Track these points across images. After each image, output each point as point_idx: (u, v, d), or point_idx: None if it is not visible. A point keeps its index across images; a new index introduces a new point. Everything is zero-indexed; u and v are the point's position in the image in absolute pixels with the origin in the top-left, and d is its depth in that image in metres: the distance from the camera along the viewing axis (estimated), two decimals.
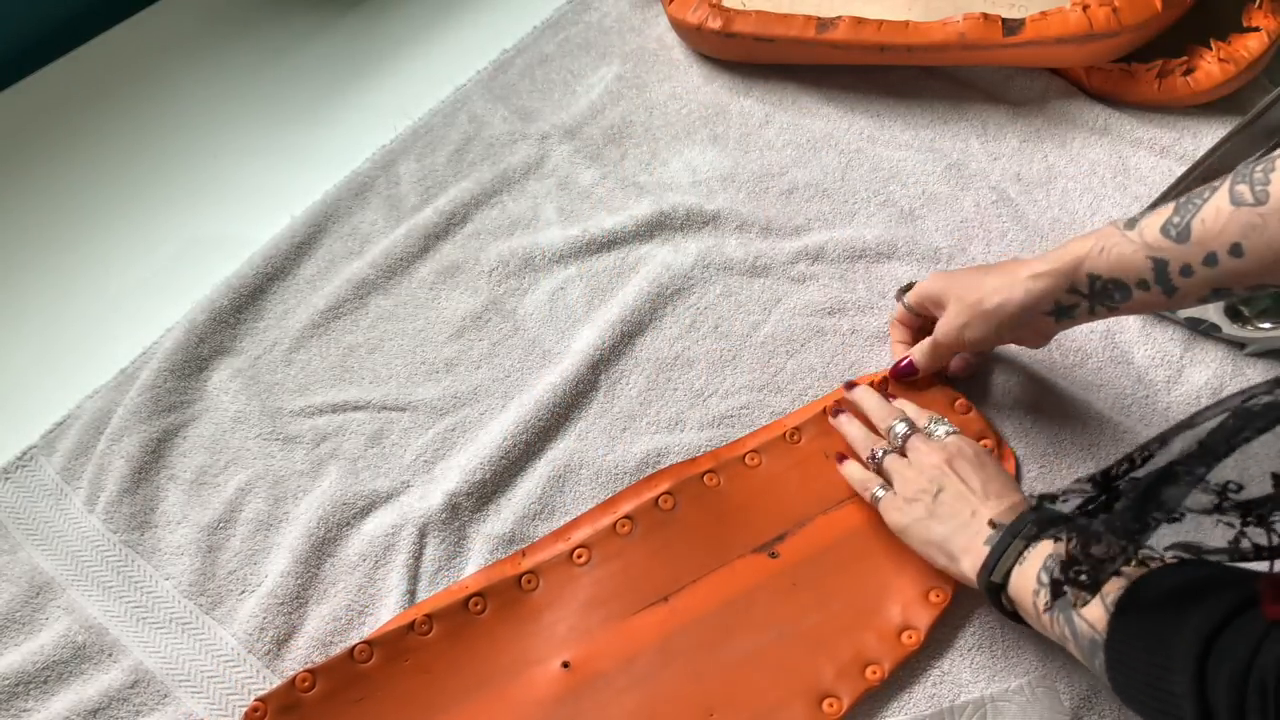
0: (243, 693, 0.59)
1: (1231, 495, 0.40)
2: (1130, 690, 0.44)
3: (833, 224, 0.77)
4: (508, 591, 0.61)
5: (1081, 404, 0.67)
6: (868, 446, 0.62)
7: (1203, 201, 0.48)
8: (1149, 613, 0.44)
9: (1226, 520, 0.41)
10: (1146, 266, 0.51)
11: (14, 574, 0.63)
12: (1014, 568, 0.51)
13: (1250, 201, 0.46)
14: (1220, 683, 0.38)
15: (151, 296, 0.75)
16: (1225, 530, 0.41)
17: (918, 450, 0.59)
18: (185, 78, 0.90)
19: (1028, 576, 0.50)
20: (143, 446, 0.67)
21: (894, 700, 0.58)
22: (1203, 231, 0.48)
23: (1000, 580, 0.52)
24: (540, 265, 0.75)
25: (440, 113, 0.84)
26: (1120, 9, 0.75)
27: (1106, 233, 0.53)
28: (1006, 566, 0.51)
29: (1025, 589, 0.50)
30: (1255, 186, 0.46)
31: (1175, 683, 0.40)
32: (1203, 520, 0.41)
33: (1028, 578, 0.50)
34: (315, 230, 0.77)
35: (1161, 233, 0.50)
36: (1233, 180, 0.47)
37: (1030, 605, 0.50)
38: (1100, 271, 0.53)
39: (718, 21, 0.82)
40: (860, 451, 0.63)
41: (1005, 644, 0.59)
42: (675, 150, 0.82)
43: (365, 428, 0.68)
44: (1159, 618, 0.43)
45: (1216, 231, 0.47)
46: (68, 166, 0.84)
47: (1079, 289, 0.54)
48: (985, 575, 0.52)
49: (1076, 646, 0.47)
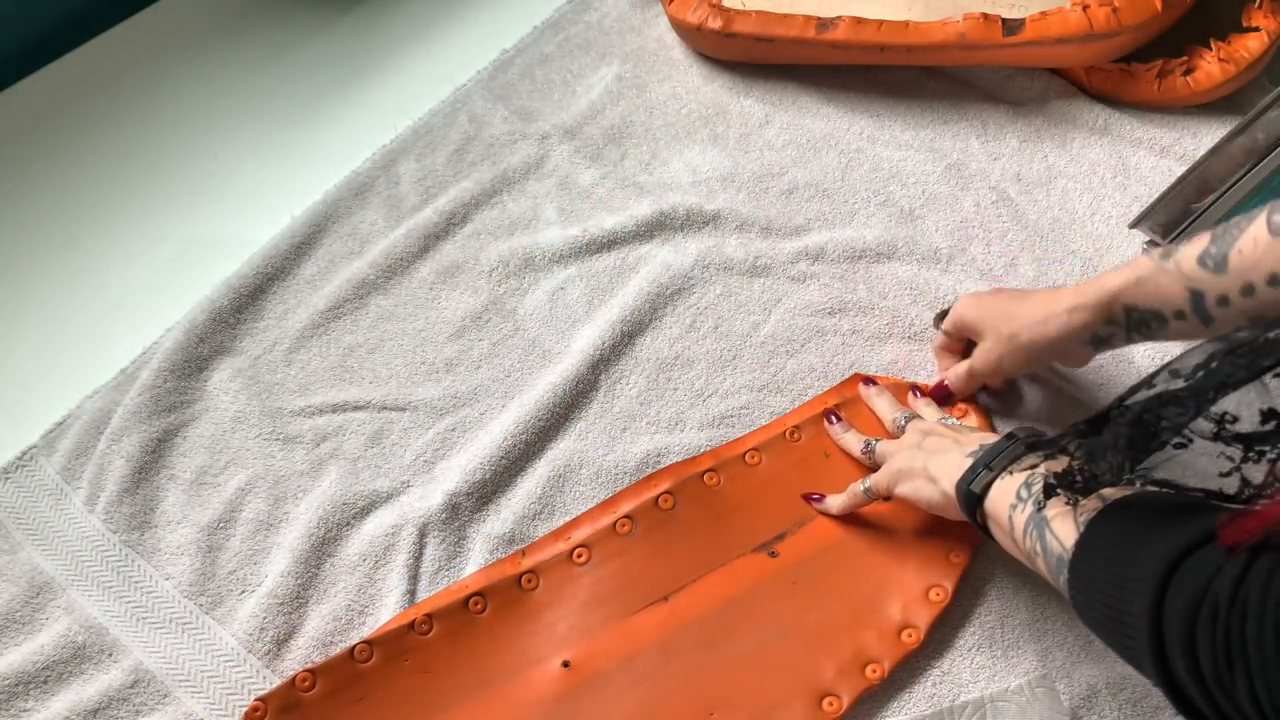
0: (243, 693, 0.59)
1: (1229, 426, 0.41)
2: (1090, 609, 0.44)
3: (833, 224, 0.77)
4: (508, 591, 0.61)
5: (1082, 403, 0.67)
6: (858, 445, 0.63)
7: (1240, 232, 0.48)
8: (1117, 535, 0.44)
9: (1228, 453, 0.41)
10: (1184, 298, 0.51)
11: (14, 574, 0.63)
12: (995, 481, 0.52)
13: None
14: (1176, 607, 0.38)
15: (151, 296, 0.75)
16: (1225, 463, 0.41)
17: (914, 423, 0.61)
18: (185, 78, 0.90)
19: (1008, 490, 0.51)
20: (143, 446, 0.67)
21: (894, 700, 0.58)
22: (1240, 262, 0.48)
23: (979, 490, 0.52)
24: (540, 265, 0.75)
25: (440, 113, 0.84)
26: (1120, 9, 0.75)
27: (1141, 264, 0.53)
28: (988, 479, 0.52)
29: (1003, 501, 0.51)
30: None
31: (1133, 605, 0.40)
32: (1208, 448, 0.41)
33: (1008, 491, 0.51)
34: (315, 230, 0.77)
35: (1199, 264, 0.50)
36: (1270, 210, 0.47)
37: (1005, 519, 0.50)
38: (1137, 303, 0.53)
39: (718, 21, 0.82)
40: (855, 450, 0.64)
41: (1005, 644, 0.59)
42: (675, 150, 0.82)
43: (365, 428, 0.68)
44: (1125, 541, 0.43)
45: (1254, 262, 0.47)
46: (68, 166, 0.84)
47: (1115, 320, 0.55)
48: (964, 484, 0.52)
49: (1044, 562, 0.48)
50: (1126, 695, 0.57)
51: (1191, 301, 0.50)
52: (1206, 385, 0.41)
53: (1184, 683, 0.38)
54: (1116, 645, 0.43)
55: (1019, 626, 0.59)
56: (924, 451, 0.57)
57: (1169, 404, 0.42)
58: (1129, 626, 0.41)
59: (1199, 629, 0.37)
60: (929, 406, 0.64)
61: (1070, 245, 0.75)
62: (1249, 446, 0.41)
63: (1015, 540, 0.50)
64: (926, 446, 0.57)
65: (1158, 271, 0.52)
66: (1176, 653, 0.38)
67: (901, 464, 0.58)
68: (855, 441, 0.64)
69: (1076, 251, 0.74)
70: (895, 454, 0.59)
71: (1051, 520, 0.47)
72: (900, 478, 0.58)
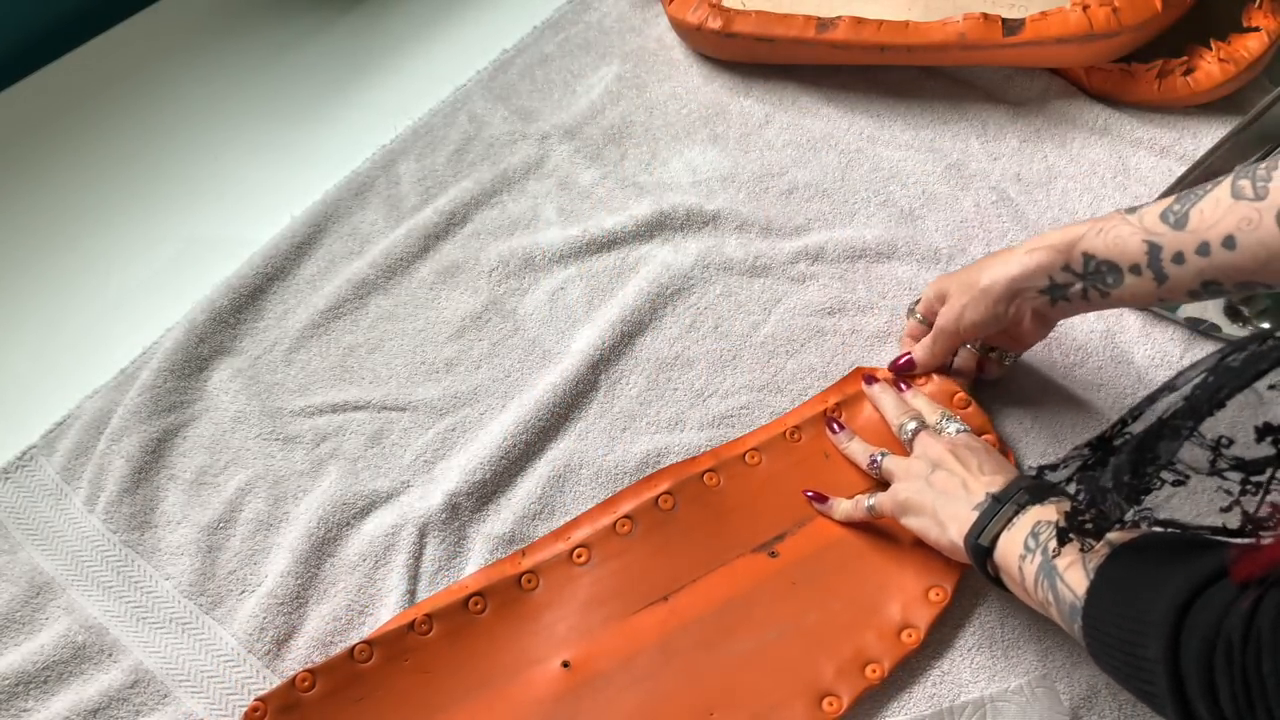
0: (243, 693, 0.59)
1: (1225, 451, 0.41)
2: (1105, 655, 0.44)
3: (833, 224, 0.77)
4: (508, 591, 0.61)
5: (1082, 403, 0.67)
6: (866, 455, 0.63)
7: (1204, 193, 0.49)
8: (1126, 580, 0.44)
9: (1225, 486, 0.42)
10: (1141, 250, 0.51)
11: (14, 574, 0.63)
12: (1002, 532, 0.52)
13: (1250, 196, 0.47)
14: (1192, 650, 0.39)
15: (151, 296, 0.75)
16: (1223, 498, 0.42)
17: (923, 442, 0.60)
18: (185, 78, 0.90)
19: (1015, 541, 0.51)
20: (143, 446, 0.67)
21: (894, 700, 0.58)
22: (1199, 220, 0.49)
23: (987, 544, 0.52)
24: (540, 265, 0.75)
25: (440, 113, 0.84)
26: (1120, 9, 0.75)
27: (1108, 216, 0.54)
28: (995, 531, 0.52)
29: (1012, 553, 0.51)
30: (1257, 183, 0.47)
31: (1149, 649, 0.41)
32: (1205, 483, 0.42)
33: (1015, 542, 0.51)
34: (315, 230, 0.77)
35: (1160, 218, 0.51)
36: (1236, 175, 0.48)
37: (1015, 570, 0.50)
38: (1095, 251, 0.53)
39: (718, 21, 0.82)
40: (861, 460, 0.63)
41: (1005, 644, 0.59)
42: (675, 150, 0.82)
43: (365, 428, 0.68)
44: (1136, 585, 0.43)
45: (1213, 222, 0.48)
46: (68, 166, 0.84)
47: (1073, 268, 0.55)
48: (973, 538, 0.52)
49: (1058, 611, 0.48)
50: (1126, 696, 0.57)
51: (1148, 254, 0.51)
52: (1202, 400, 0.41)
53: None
54: (1136, 690, 0.43)
55: (1019, 626, 0.59)
56: (933, 489, 0.56)
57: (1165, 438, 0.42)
58: (1146, 671, 0.41)
59: (1216, 670, 0.38)
60: (928, 404, 0.64)
61: None
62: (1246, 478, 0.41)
63: (1028, 591, 0.50)
64: (935, 483, 0.57)
65: (1121, 222, 0.52)
66: (1197, 696, 0.38)
67: (910, 496, 0.57)
68: (861, 453, 0.63)
69: None
70: (903, 481, 0.59)
71: (1062, 569, 0.47)
72: (907, 510, 0.57)
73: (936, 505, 0.55)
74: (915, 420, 0.62)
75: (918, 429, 0.62)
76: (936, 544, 0.56)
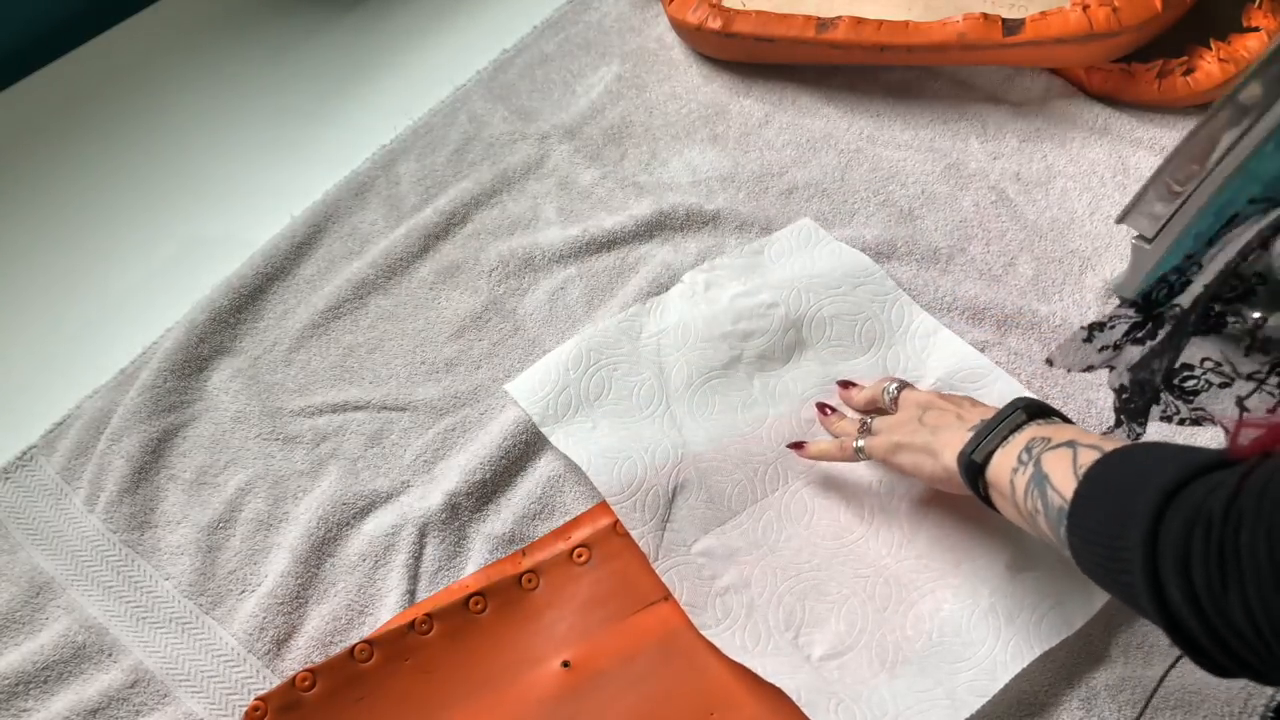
0: (243, 692, 0.59)
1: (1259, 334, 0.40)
2: (1086, 552, 0.43)
3: (832, 224, 0.77)
4: (508, 591, 0.61)
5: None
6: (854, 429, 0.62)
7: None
8: (1116, 478, 0.43)
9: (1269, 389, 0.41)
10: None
11: (14, 574, 0.63)
12: (996, 450, 0.52)
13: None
14: (1172, 531, 0.37)
15: (151, 296, 0.75)
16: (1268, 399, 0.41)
17: (908, 396, 0.60)
18: (185, 78, 0.90)
19: (1009, 456, 0.51)
20: (143, 446, 0.67)
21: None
22: None
23: (981, 460, 0.52)
24: (540, 265, 0.75)
25: (440, 113, 0.84)
26: (1120, 9, 0.75)
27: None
28: (990, 448, 0.52)
29: (1005, 467, 0.51)
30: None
31: (1130, 536, 0.39)
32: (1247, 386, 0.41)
33: (1009, 457, 0.51)
34: (315, 230, 0.77)
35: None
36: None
37: (1007, 484, 0.50)
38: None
39: (718, 21, 0.82)
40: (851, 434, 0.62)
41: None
42: (675, 150, 0.82)
43: (365, 428, 0.68)
44: (1125, 483, 0.42)
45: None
46: (68, 166, 0.84)
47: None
48: (966, 455, 0.52)
49: (1045, 520, 0.47)
50: (1126, 695, 0.57)
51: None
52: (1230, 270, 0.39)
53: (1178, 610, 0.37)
54: (1114, 585, 0.42)
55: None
56: (925, 426, 0.57)
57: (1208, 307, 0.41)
58: (1125, 560, 0.39)
59: (1193, 547, 0.36)
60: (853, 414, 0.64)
61: (1069, 245, 0.75)
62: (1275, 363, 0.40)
63: (1017, 505, 0.50)
64: (928, 420, 0.57)
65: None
66: (1171, 576, 0.37)
67: (901, 437, 0.57)
68: (850, 424, 0.63)
69: (1075, 251, 0.74)
70: (894, 426, 0.58)
71: (1051, 475, 0.47)
72: (899, 450, 0.57)
73: (930, 439, 0.56)
74: (894, 382, 0.62)
75: (900, 387, 0.61)
76: (931, 477, 0.56)
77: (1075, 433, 0.49)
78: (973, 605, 0.58)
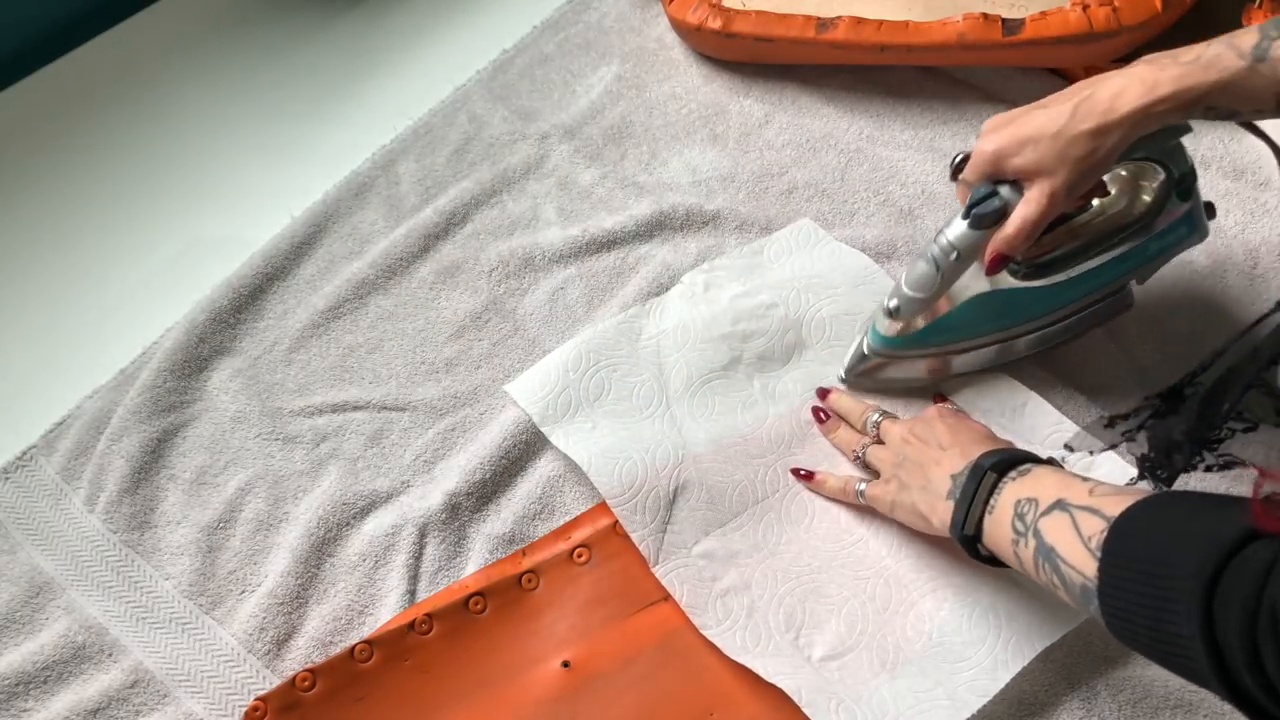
0: (243, 693, 0.59)
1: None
2: (1132, 636, 0.43)
3: (832, 224, 0.77)
4: (508, 591, 0.61)
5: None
6: (851, 448, 0.64)
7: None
8: (1138, 556, 0.43)
9: None
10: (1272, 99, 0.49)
11: (14, 574, 0.63)
12: (984, 517, 0.52)
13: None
14: (1231, 620, 0.37)
15: (151, 296, 0.75)
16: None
17: (887, 431, 0.61)
18: (185, 78, 0.90)
19: (1002, 525, 0.51)
20: (143, 446, 0.67)
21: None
22: None
23: (972, 533, 0.52)
24: (540, 265, 0.75)
25: (440, 113, 0.84)
26: (1120, 9, 0.75)
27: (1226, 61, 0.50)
28: (976, 516, 0.52)
29: (1002, 538, 0.51)
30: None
31: (1180, 627, 0.39)
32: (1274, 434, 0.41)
33: (1002, 526, 0.50)
34: (315, 230, 0.77)
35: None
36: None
37: (1011, 555, 0.50)
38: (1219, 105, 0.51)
39: (718, 21, 0.82)
40: (847, 453, 0.64)
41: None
42: (675, 150, 0.82)
43: (365, 428, 0.68)
44: (1150, 559, 0.42)
45: None
46: (68, 166, 0.84)
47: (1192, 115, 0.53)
48: (957, 531, 0.53)
49: (1067, 594, 0.47)
50: (1126, 695, 0.57)
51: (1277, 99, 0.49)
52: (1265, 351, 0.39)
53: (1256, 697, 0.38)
54: (1174, 667, 0.42)
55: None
56: (908, 488, 0.57)
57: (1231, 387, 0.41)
58: (1182, 649, 0.40)
59: (1261, 642, 0.37)
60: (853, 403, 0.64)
61: None
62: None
63: (1030, 574, 0.50)
64: (904, 479, 0.57)
65: (1250, 74, 0.50)
66: (1241, 669, 0.37)
67: (892, 499, 0.58)
68: (850, 435, 0.64)
69: None
70: (881, 481, 0.59)
71: (1057, 547, 0.46)
72: (895, 509, 0.58)
73: (914, 501, 0.56)
74: (877, 413, 0.63)
75: (880, 420, 0.62)
76: (933, 535, 0.57)
77: (1057, 485, 0.49)
78: (973, 605, 0.58)
